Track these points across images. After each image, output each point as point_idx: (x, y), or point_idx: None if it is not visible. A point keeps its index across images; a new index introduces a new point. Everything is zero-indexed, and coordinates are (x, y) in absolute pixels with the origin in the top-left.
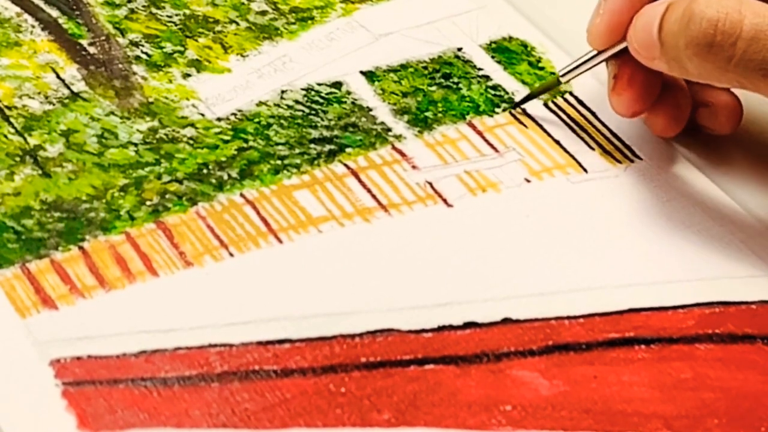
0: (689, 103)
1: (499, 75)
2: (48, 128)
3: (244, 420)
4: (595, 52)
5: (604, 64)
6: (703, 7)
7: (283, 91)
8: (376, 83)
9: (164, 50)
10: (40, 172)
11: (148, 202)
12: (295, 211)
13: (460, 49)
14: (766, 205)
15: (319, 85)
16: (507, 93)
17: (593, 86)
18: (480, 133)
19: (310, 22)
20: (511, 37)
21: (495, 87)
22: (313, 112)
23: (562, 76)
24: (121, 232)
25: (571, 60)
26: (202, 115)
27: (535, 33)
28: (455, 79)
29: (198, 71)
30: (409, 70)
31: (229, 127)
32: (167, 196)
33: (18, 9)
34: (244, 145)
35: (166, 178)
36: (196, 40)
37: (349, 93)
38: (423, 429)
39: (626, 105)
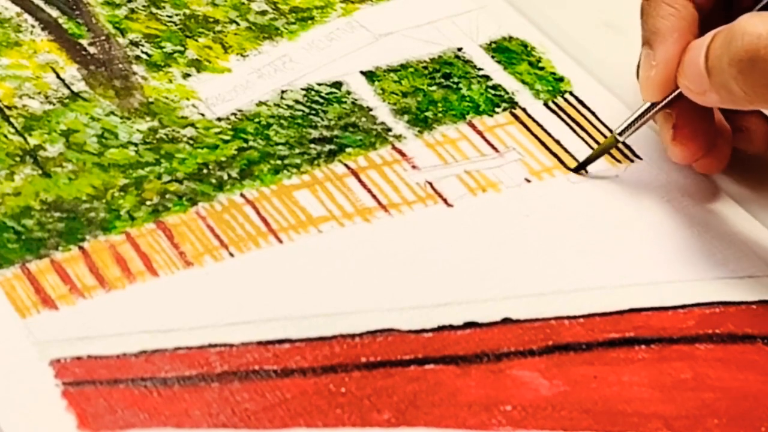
0: (731, 141)
1: (499, 75)
2: (48, 128)
3: (244, 420)
4: (648, 104)
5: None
6: (744, 25)
7: (283, 91)
8: (376, 83)
9: (164, 50)
10: (40, 172)
11: (148, 202)
12: (295, 211)
13: (460, 49)
14: (766, 205)
15: (319, 85)
16: (507, 93)
17: (593, 85)
18: (480, 133)
19: (310, 22)
20: (511, 37)
21: (495, 87)
22: (313, 112)
23: (620, 134)
24: (121, 232)
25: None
26: (202, 115)
27: (535, 33)
28: (455, 79)
29: (198, 71)
30: (409, 70)
31: (229, 127)
32: (167, 196)
33: (18, 9)
34: (244, 145)
35: (166, 178)
36: (196, 40)
37: (349, 93)
38: (423, 429)
39: (690, 154)
